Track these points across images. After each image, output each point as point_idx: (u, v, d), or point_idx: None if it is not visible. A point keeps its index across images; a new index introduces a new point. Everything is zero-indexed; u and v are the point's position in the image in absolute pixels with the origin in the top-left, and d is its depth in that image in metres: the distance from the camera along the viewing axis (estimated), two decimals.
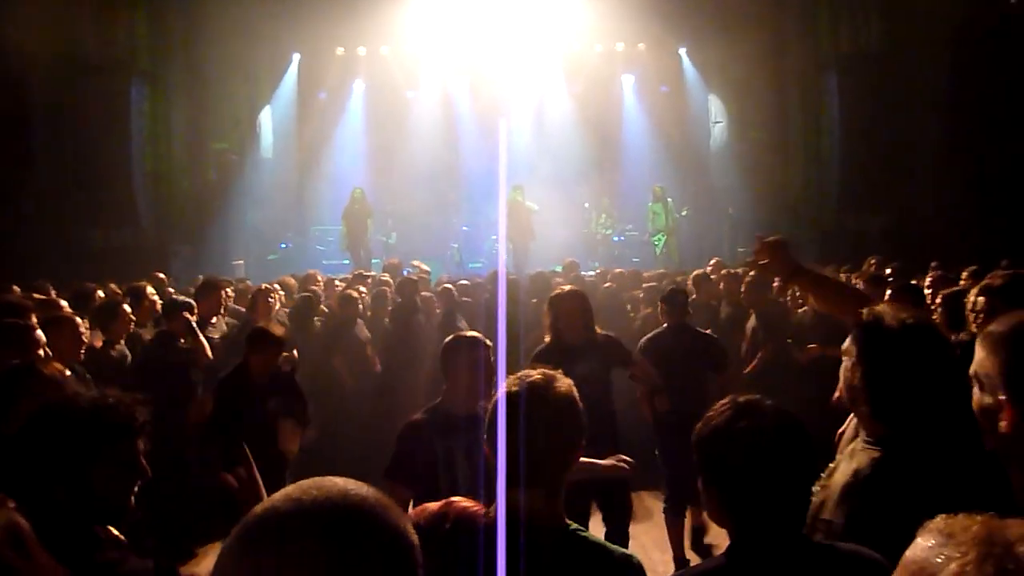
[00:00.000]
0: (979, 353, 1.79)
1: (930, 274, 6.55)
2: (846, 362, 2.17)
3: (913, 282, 5.71)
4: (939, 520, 1.06)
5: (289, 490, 1.04)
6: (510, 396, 1.94)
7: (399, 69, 16.78)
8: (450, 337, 3.56)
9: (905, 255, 9.11)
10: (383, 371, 7.48)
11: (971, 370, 1.81)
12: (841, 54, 13.25)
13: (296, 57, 16.41)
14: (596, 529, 4.46)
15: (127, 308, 5.67)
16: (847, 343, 2.20)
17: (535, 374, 2.00)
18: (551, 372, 2.03)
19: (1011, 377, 1.70)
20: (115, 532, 2.05)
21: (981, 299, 3.47)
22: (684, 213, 14.80)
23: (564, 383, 2.00)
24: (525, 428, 1.90)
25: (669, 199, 14.79)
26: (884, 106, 12.60)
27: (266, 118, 16.28)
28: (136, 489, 2.03)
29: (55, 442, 1.94)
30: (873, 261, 8.57)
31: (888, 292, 4.81)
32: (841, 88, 13.12)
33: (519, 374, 2.01)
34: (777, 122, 14.80)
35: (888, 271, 7.31)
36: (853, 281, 7.16)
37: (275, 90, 16.31)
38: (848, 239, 12.19)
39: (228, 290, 7.32)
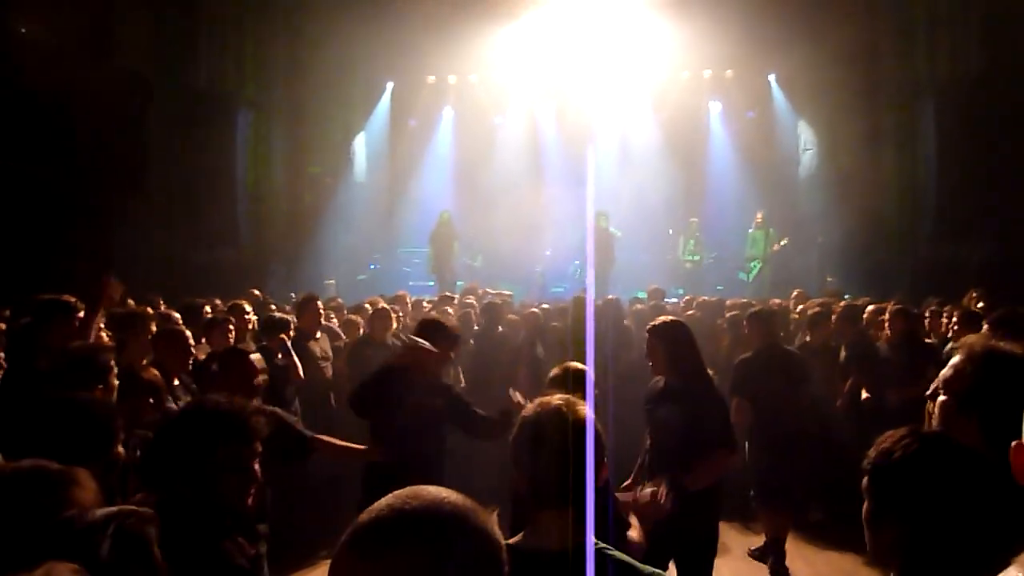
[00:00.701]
0: None
1: None
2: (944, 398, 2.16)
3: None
4: None
5: (390, 500, 1.17)
6: (534, 420, 2.02)
7: (487, 96, 17.18)
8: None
9: (1004, 287, 8.77)
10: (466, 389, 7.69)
11: None
12: (938, 79, 12.85)
13: (390, 85, 17.05)
14: None
15: (232, 324, 6.02)
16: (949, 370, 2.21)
17: (556, 399, 2.06)
18: (570, 396, 2.09)
19: None
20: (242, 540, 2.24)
21: None
22: (784, 243, 14.59)
23: (582, 405, 2.05)
24: (552, 450, 1.96)
25: (771, 228, 14.69)
26: (982, 133, 12.13)
27: (360, 143, 16.92)
28: (251, 493, 2.21)
29: (186, 442, 2.15)
30: (975, 295, 8.25)
31: (985, 325, 4.68)
32: (937, 114, 12.71)
33: (539, 400, 2.09)
34: (870, 148, 14.41)
35: (980, 305, 7.07)
36: (946, 314, 6.97)
37: (369, 116, 16.97)
38: (944, 270, 11.76)
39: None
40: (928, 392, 2.35)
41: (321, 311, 7.24)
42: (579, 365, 3.58)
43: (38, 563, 1.10)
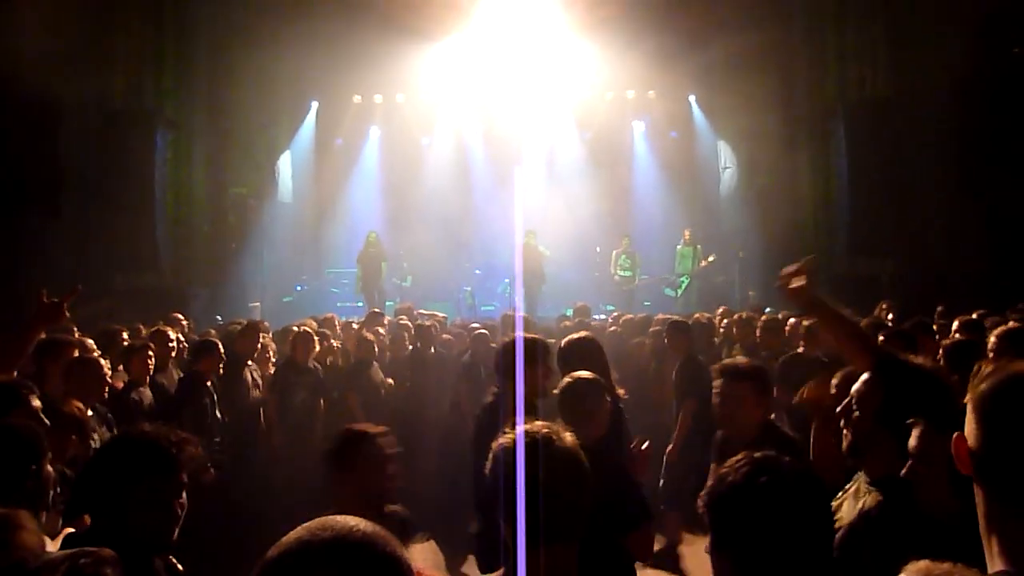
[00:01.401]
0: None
1: (936, 319, 6.63)
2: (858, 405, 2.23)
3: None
4: (921, 564, 1.18)
5: (299, 532, 1.17)
6: (519, 451, 1.87)
7: (414, 116, 17.16)
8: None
9: (916, 299, 9.20)
10: (398, 412, 7.61)
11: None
12: (848, 100, 13.47)
13: (314, 104, 16.84)
14: None
15: (152, 350, 5.82)
16: (860, 386, 2.29)
17: (539, 427, 1.92)
18: (554, 425, 1.95)
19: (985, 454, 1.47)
20: (173, 561, 2.17)
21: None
22: (711, 259, 14.94)
23: (569, 435, 1.92)
24: (542, 484, 1.81)
25: (698, 245, 15.05)
26: (892, 151, 12.76)
27: (285, 163, 16.64)
28: (179, 521, 2.15)
29: (128, 471, 2.07)
30: (884, 306, 8.63)
31: (881, 337, 4.82)
32: (849, 133, 13.30)
33: (522, 428, 1.92)
34: (786, 167, 14.98)
35: (890, 316, 7.38)
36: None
37: (294, 136, 16.72)
38: (858, 283, 12.26)
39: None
40: (839, 408, 2.44)
41: (260, 339, 7.12)
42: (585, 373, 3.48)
43: None
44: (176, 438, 2.16)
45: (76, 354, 4.83)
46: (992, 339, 4.03)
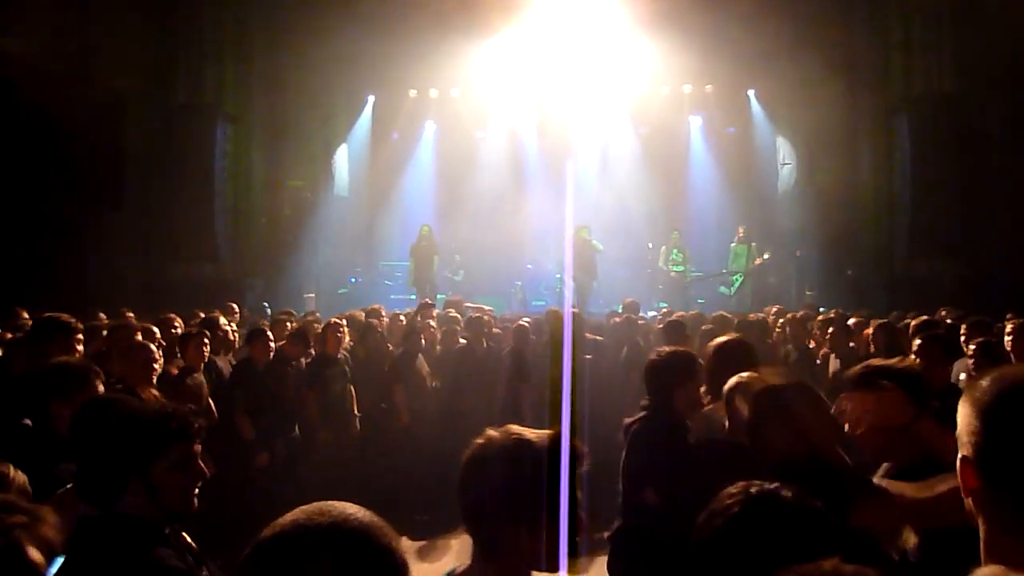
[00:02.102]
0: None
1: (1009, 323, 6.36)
2: None
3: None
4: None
5: (296, 515, 1.18)
6: (468, 459, 1.81)
7: (468, 110, 17.20)
8: None
9: (978, 303, 8.88)
10: (446, 403, 7.69)
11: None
12: (912, 97, 13.05)
13: (371, 99, 17.04)
14: None
15: (206, 338, 5.98)
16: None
17: (500, 433, 1.83)
18: (511, 428, 1.84)
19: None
20: (187, 539, 2.23)
21: None
22: (766, 257, 14.68)
23: (507, 440, 1.80)
24: (469, 492, 1.77)
25: (753, 243, 14.81)
26: (957, 149, 12.32)
27: (341, 157, 16.89)
28: (197, 490, 2.22)
29: (122, 443, 2.14)
30: (943, 313, 8.33)
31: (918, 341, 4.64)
32: (912, 131, 12.88)
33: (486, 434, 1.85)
34: (846, 165, 14.60)
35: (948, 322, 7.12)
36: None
37: (350, 130, 16.95)
38: (918, 286, 11.90)
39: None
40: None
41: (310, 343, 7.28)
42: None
43: None
44: (188, 411, 2.25)
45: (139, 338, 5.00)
46: None
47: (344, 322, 7.64)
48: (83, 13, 10.62)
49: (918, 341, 4.54)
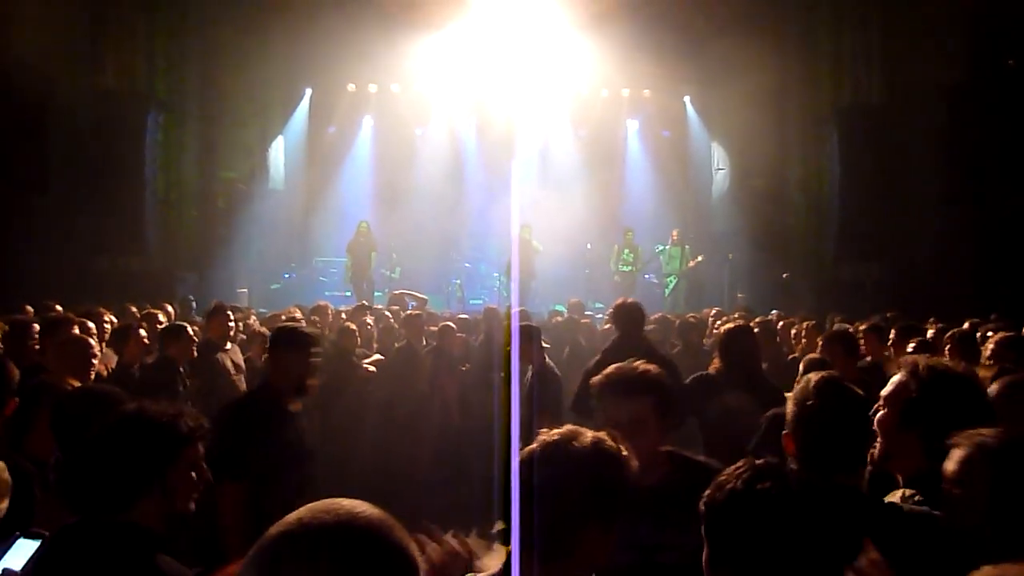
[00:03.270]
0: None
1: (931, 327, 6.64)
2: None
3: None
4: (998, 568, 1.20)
5: (302, 513, 1.14)
6: (523, 458, 1.78)
7: (408, 106, 17.07)
8: None
9: (901, 305, 9.26)
10: (383, 401, 7.58)
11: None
12: (841, 105, 13.55)
13: (308, 91, 16.73)
14: None
15: (143, 332, 5.76)
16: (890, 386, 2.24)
17: (556, 432, 1.80)
18: (576, 428, 1.82)
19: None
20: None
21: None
22: (700, 259, 14.96)
23: (585, 440, 1.79)
24: (536, 494, 1.71)
25: (686, 245, 15.08)
26: (884, 157, 12.84)
27: (277, 150, 16.52)
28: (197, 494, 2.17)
29: (137, 449, 2.06)
30: (886, 316, 8.58)
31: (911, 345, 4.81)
32: (841, 138, 13.38)
33: (544, 432, 1.82)
34: (777, 170, 15.07)
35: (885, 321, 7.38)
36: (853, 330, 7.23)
37: (286, 123, 16.60)
38: (845, 288, 12.35)
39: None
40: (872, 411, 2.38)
41: (231, 321, 6.95)
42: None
43: None
44: (190, 413, 2.19)
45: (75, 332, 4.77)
46: (990, 346, 4.05)
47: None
48: None
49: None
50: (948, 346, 4.58)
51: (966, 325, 6.05)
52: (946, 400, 2.10)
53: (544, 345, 7.14)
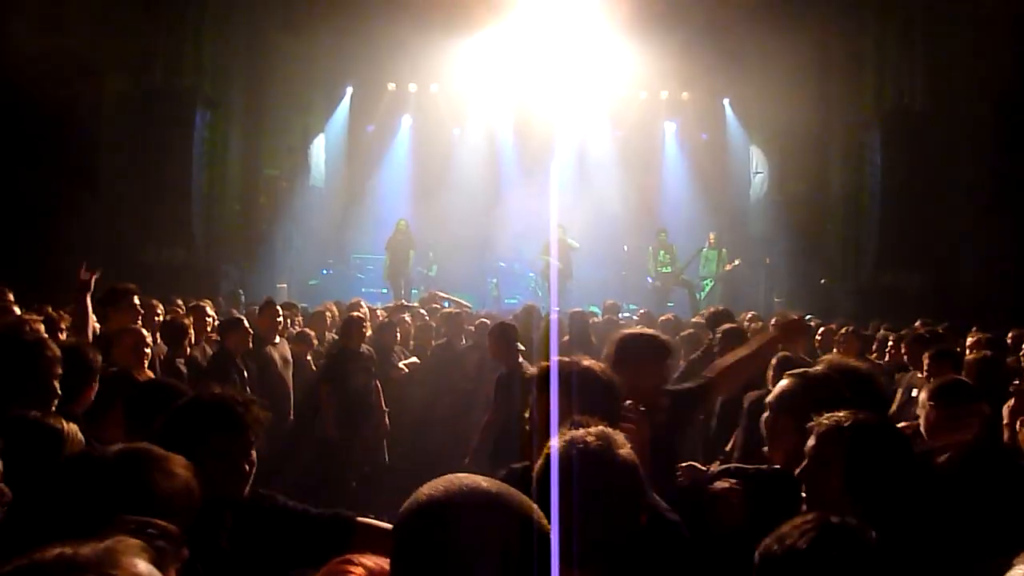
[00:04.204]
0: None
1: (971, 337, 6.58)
2: None
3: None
4: None
5: (438, 483, 1.29)
6: (562, 460, 1.74)
7: (447, 106, 17.21)
8: None
9: (943, 314, 9.15)
10: (424, 399, 7.68)
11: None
12: (884, 111, 13.38)
13: (349, 90, 16.95)
14: None
15: (192, 325, 5.94)
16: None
17: (591, 435, 1.78)
18: (608, 431, 1.82)
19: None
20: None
21: None
22: (736, 263, 14.90)
23: (624, 446, 1.80)
24: (578, 499, 1.67)
25: (723, 249, 15.02)
26: (926, 164, 12.67)
27: (318, 148, 16.78)
28: (248, 478, 2.29)
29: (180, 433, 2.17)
30: (919, 326, 8.51)
31: (927, 358, 4.82)
32: (883, 144, 13.21)
33: (570, 433, 1.81)
34: (817, 176, 14.92)
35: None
36: (891, 340, 7.14)
37: (328, 121, 16.85)
38: (885, 296, 12.21)
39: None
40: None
41: (280, 316, 7.14)
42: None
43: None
44: (243, 399, 2.29)
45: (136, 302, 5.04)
46: None
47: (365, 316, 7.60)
48: None
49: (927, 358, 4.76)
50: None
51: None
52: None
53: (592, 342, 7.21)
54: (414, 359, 7.82)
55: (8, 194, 9.43)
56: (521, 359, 5.90)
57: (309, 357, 7.45)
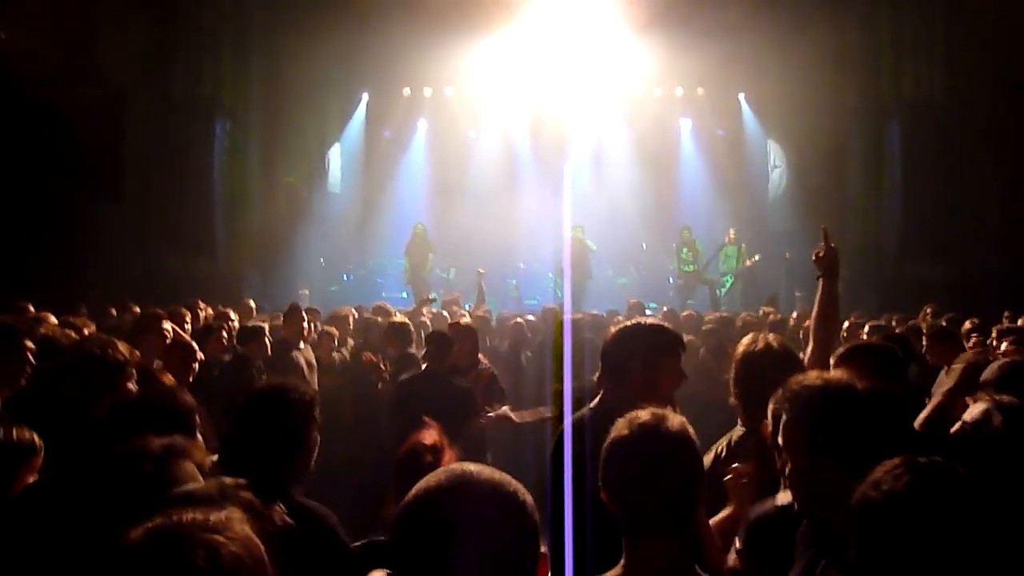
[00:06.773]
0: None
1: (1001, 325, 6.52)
2: None
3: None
4: None
5: (441, 472, 1.36)
6: (623, 440, 1.88)
7: (462, 109, 17.29)
8: None
9: (966, 306, 9.07)
10: None
11: None
12: (903, 101, 13.27)
13: (365, 96, 17.08)
14: None
15: (224, 332, 6.02)
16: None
17: (643, 415, 1.91)
18: (659, 411, 1.93)
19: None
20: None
21: None
22: (756, 259, 14.85)
23: (676, 419, 1.92)
24: (646, 472, 1.83)
25: (743, 244, 14.98)
26: (947, 155, 12.56)
27: (335, 154, 16.91)
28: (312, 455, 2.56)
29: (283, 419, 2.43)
30: (928, 311, 8.52)
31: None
32: (903, 136, 13.12)
33: (628, 416, 1.93)
34: (836, 168, 14.81)
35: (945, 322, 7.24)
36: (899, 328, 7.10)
37: (344, 127, 16.99)
38: (908, 288, 12.11)
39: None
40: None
41: (305, 320, 7.22)
42: None
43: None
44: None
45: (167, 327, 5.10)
46: None
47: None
48: (82, 5, 10.59)
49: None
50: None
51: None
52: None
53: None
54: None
55: (36, 206, 9.58)
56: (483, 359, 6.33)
57: (335, 355, 7.50)
